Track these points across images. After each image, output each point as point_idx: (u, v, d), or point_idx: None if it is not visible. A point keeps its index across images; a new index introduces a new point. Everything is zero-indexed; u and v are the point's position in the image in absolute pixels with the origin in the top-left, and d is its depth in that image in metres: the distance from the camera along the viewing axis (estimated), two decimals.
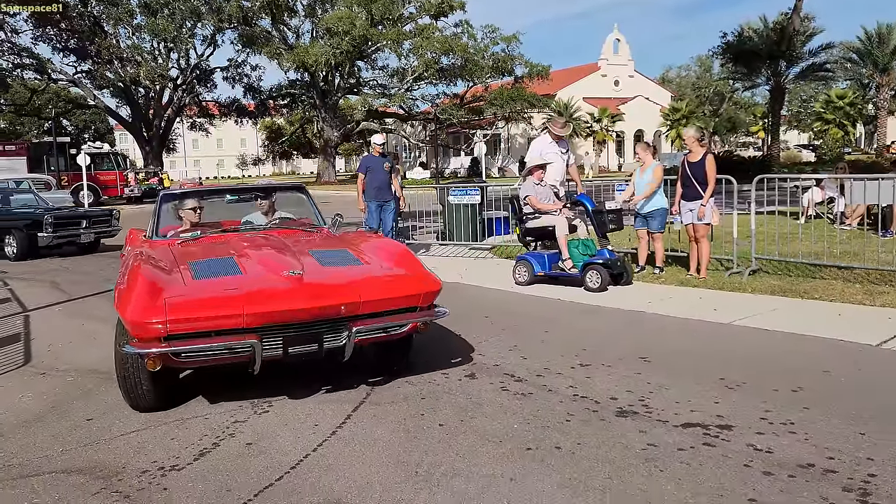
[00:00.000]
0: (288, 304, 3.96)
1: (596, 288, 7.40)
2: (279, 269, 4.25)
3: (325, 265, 4.45)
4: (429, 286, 4.38)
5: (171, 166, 70.23)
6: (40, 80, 42.06)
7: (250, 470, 3.42)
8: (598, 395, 4.30)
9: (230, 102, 48.51)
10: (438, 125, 47.14)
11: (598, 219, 7.82)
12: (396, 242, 5.04)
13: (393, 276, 4.41)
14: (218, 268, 4.39)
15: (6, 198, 14.44)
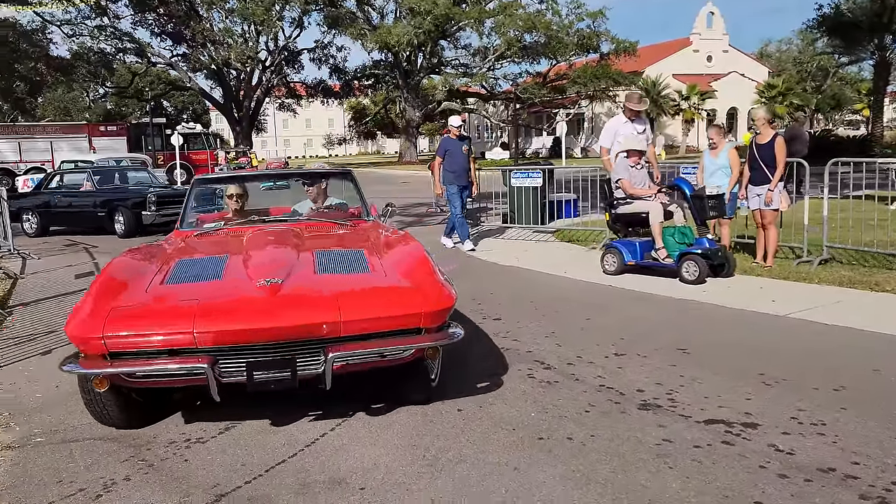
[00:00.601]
0: (246, 321, 3.31)
1: (693, 280, 6.84)
2: (259, 275, 3.61)
3: (322, 271, 3.81)
4: (434, 304, 3.50)
5: (262, 146, 72.71)
6: (140, 63, 44.24)
7: (267, 446, 3.54)
8: (625, 386, 4.21)
9: (317, 83, 49.65)
10: (520, 105, 46.71)
11: (698, 205, 7.11)
12: (416, 246, 4.22)
13: (389, 290, 3.60)
14: (199, 271, 3.92)
15: (124, 175, 15.13)
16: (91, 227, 13.48)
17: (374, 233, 4.84)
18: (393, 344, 3.46)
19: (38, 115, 50.97)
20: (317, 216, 5.37)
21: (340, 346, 3.37)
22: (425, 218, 14.29)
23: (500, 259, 9.00)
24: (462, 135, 9.98)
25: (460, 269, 8.41)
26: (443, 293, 3.64)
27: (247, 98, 45.22)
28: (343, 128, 71.25)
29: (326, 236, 4.88)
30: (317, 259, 4.00)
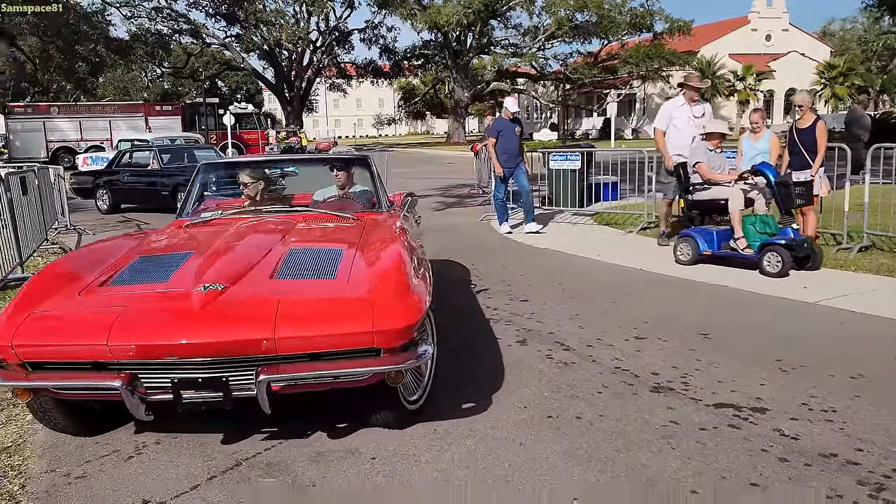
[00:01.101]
0: (164, 335, 2.90)
1: (775, 273, 6.43)
2: (203, 279, 3.21)
3: (282, 276, 3.37)
4: (392, 321, 2.94)
5: (313, 126, 73.58)
6: (196, 44, 45.22)
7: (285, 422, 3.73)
8: (641, 369, 4.27)
9: (367, 63, 50.00)
10: (570, 85, 46.20)
11: (783, 191, 6.65)
12: (395, 249, 3.63)
13: (340, 303, 3.06)
14: (150, 270, 3.57)
15: (192, 155, 15.29)
16: (157, 205, 13.42)
17: (374, 228, 4.34)
18: (339, 367, 2.95)
19: (99, 94, 52.62)
20: (325, 206, 5.00)
21: (275, 366, 2.93)
22: (466, 199, 14.39)
23: (535, 241, 9.05)
24: (516, 117, 9.83)
25: (492, 251, 8.51)
26: (406, 308, 3.06)
27: (298, 78, 45.87)
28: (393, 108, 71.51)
29: (315, 231, 4.42)
30: (285, 259, 3.56)
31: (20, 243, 7.38)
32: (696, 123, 7.89)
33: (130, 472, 3.19)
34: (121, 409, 3.13)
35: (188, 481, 3.08)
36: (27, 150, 30.92)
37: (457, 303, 6.00)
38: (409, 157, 34.71)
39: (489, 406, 3.80)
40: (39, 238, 9.06)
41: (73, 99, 46.18)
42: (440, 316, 5.54)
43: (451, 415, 3.69)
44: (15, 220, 7.31)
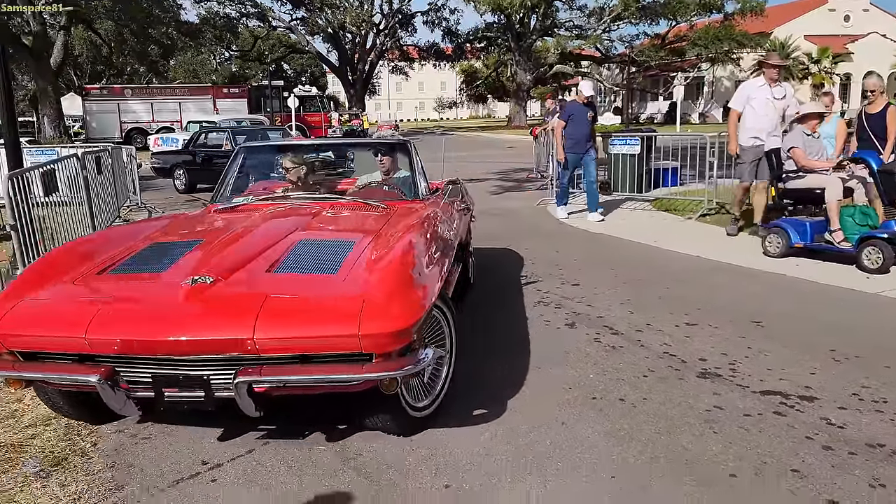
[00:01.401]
0: (139, 329, 2.76)
1: (875, 269, 5.99)
2: (194, 271, 3.07)
3: (282, 270, 3.18)
4: (382, 324, 2.67)
5: (376, 108, 74.20)
6: (262, 27, 46.07)
7: None
8: (689, 354, 4.27)
9: (429, 46, 50.01)
10: (636, 68, 45.23)
11: (887, 181, 6.22)
12: (408, 244, 3.29)
13: (329, 301, 2.84)
14: (153, 259, 3.46)
15: (265, 135, 15.48)
16: None
17: (401, 217, 4.04)
18: (326, 372, 2.74)
19: (169, 77, 54.27)
20: (359, 193, 4.81)
21: (257, 368, 2.74)
22: (525, 183, 14.36)
23: (591, 226, 9.02)
24: (590, 101, 9.44)
25: (547, 235, 8.52)
26: (402, 309, 2.77)
27: (361, 61, 46.29)
28: (454, 91, 71.44)
29: (337, 220, 4.23)
30: (292, 252, 3.36)
31: (94, 220, 7.77)
32: (776, 106, 7.48)
33: (190, 435, 3.39)
34: None
35: (244, 446, 3.26)
36: (103, 130, 32.24)
37: (507, 285, 6.07)
38: (469, 141, 34.71)
39: (533, 385, 3.87)
40: (112, 215, 9.50)
41: (146, 81, 47.80)
42: (488, 297, 5.66)
43: (495, 392, 3.78)
44: (90, 197, 7.70)
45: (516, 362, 4.23)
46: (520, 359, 4.28)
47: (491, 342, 4.61)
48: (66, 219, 7.45)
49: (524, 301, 5.56)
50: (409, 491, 2.84)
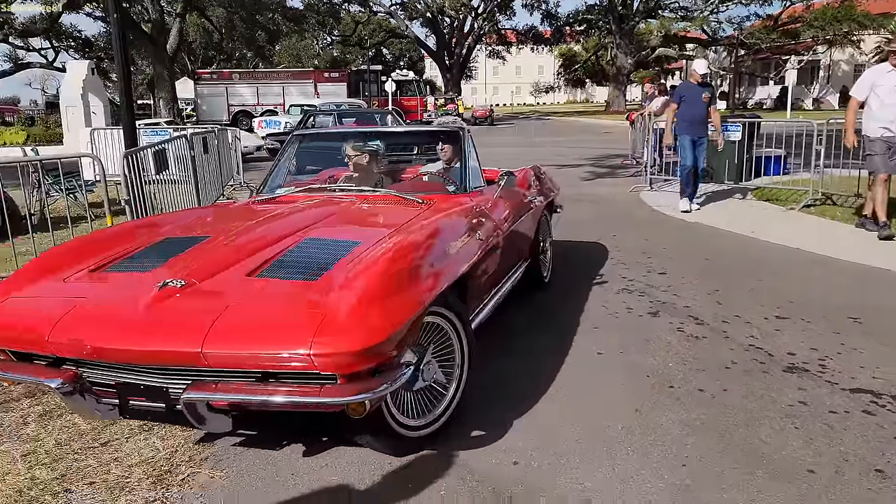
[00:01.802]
0: (96, 335, 2.61)
1: None
2: (170, 273, 2.93)
3: (267, 274, 2.92)
4: (336, 343, 2.35)
5: (472, 93, 74.28)
6: (363, 12, 46.94)
7: None
8: (777, 348, 4.14)
9: (527, 30, 49.60)
10: (745, 50, 43.26)
11: None
12: (404, 246, 2.97)
13: (285, 314, 2.57)
14: (156, 255, 3.31)
15: (372, 118, 15.78)
16: None
17: (433, 213, 3.73)
18: (282, 394, 2.46)
19: (275, 61, 56.16)
20: (402, 186, 4.57)
21: (211, 384, 2.54)
22: (619, 170, 14.10)
23: (686, 215, 8.77)
24: (704, 81, 8.79)
25: (638, 222, 8.36)
26: (369, 325, 2.44)
27: (458, 45, 46.46)
28: (552, 76, 70.48)
29: (362, 215, 3.95)
30: (289, 252, 3.14)
31: (199, 196, 8.24)
32: None
33: None
34: None
35: None
36: (212, 113, 33.85)
37: (591, 272, 6.02)
38: (565, 126, 34.30)
39: (609, 371, 3.87)
40: (216, 193, 10.02)
41: (253, 66, 49.69)
42: (571, 282, 5.65)
43: (571, 376, 3.80)
44: (196, 175, 8.17)
45: (593, 347, 4.23)
46: (597, 344, 4.27)
47: (569, 326, 4.61)
48: (174, 195, 7.94)
49: (607, 287, 5.52)
50: (477, 468, 2.92)
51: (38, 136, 25.08)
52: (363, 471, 2.89)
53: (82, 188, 8.66)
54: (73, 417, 3.42)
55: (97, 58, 41.62)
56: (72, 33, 46.93)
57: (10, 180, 8.32)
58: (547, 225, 5.65)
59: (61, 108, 19.94)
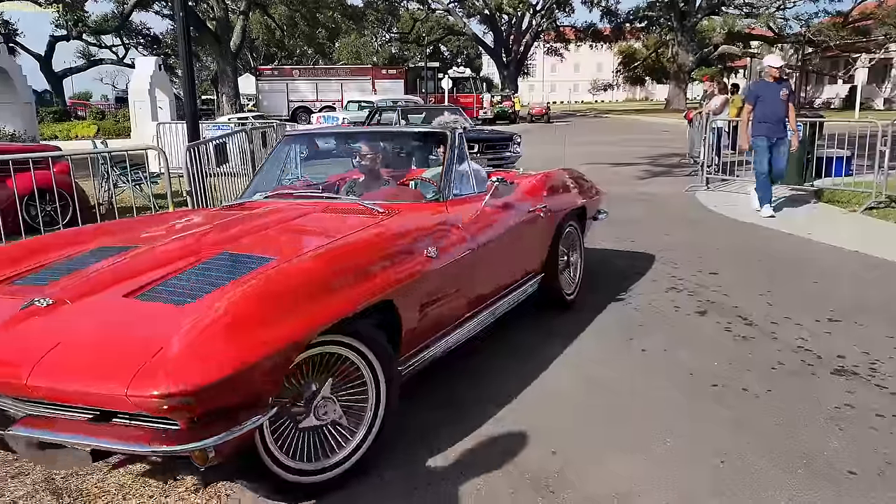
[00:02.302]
0: None
1: None
2: (52, 291, 2.68)
3: (145, 297, 2.59)
4: (162, 383, 2.02)
5: (529, 90, 73.93)
6: (422, 9, 47.25)
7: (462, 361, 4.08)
8: (826, 350, 4.07)
9: (586, 27, 49.10)
10: (812, 48, 41.91)
11: None
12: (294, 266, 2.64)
13: (115, 346, 2.27)
14: (68, 267, 3.03)
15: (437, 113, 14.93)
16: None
17: (377, 226, 3.31)
18: (100, 435, 2.19)
19: (334, 58, 57.02)
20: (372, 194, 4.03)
21: (49, 420, 2.32)
22: (675, 169, 13.89)
23: (741, 215, 8.62)
24: (781, 77, 8.31)
25: (691, 222, 8.26)
26: (206, 363, 2.09)
27: (516, 42, 46.34)
28: (611, 73, 69.58)
29: (301, 227, 3.50)
30: (192, 269, 2.81)
31: None
32: None
33: None
34: None
35: None
36: (273, 108, 34.60)
37: (640, 269, 6.00)
38: (622, 124, 33.88)
39: (651, 369, 3.88)
40: None
41: (313, 63, 50.55)
42: (619, 279, 5.64)
43: (614, 370, 3.83)
44: (255, 168, 8.41)
45: (636, 344, 4.24)
46: (641, 340, 4.28)
47: (613, 322, 4.62)
48: (233, 188, 8.21)
49: (656, 286, 5.50)
50: (521, 460, 2.98)
51: (107, 130, 26.10)
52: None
53: (148, 180, 9.03)
54: None
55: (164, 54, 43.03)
56: (141, 31, 48.67)
57: (81, 171, 8.73)
58: (576, 236, 5.10)
59: (129, 103, 20.67)
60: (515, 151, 12.85)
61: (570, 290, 4.98)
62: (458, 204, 3.85)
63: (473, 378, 3.77)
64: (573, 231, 5.06)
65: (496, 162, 12.18)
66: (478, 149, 12.01)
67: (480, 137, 12.75)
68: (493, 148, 12.55)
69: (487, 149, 12.39)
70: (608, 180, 12.19)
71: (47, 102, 37.89)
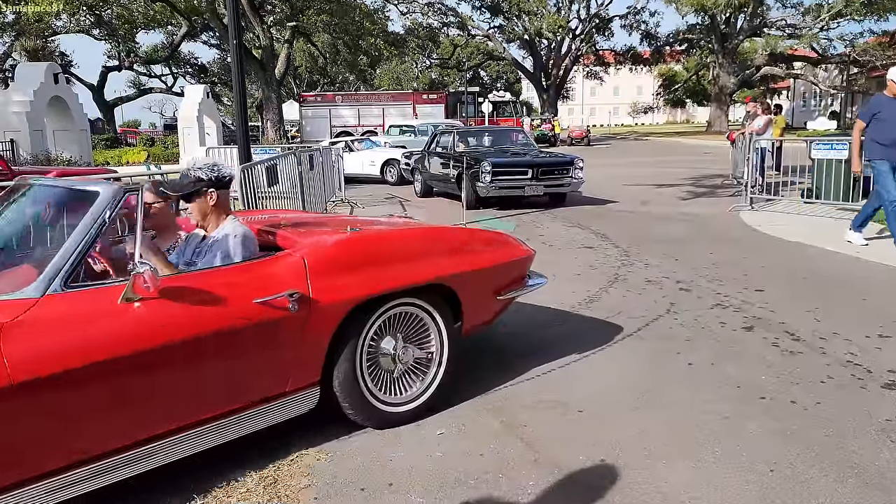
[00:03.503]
0: None
1: None
2: None
3: None
4: None
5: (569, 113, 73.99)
6: (462, 35, 47.84)
7: (512, 370, 4.17)
8: (877, 365, 4.05)
9: (626, 50, 49.11)
10: (858, 68, 41.21)
11: None
12: None
13: None
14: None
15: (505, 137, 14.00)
16: (453, 192, 12.32)
17: None
18: None
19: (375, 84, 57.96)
20: None
21: None
22: (718, 189, 13.81)
23: (787, 234, 8.54)
24: None
25: (735, 241, 8.22)
26: None
27: (555, 67, 46.49)
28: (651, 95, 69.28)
29: None
30: None
31: (305, 209, 8.73)
32: None
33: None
34: None
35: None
36: (315, 133, 35.26)
37: (685, 287, 6.01)
38: (664, 146, 33.68)
39: (698, 382, 3.91)
40: (319, 208, 10.54)
41: (354, 89, 51.47)
42: (663, 296, 5.66)
43: (661, 383, 3.87)
44: (303, 189, 8.67)
45: (683, 358, 4.27)
46: (688, 355, 4.31)
47: (659, 338, 4.66)
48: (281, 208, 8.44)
49: (701, 302, 5.51)
50: (577, 476, 3.05)
51: (157, 156, 26.94)
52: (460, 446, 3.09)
53: None
54: None
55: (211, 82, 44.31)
56: (189, 60, 50.24)
57: None
58: (427, 324, 3.59)
59: (179, 129, 21.36)
60: (578, 177, 11.85)
61: (396, 400, 3.47)
62: (71, 301, 2.54)
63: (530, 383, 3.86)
64: (421, 318, 3.56)
65: (554, 190, 11.70)
66: (531, 175, 11.41)
67: (535, 162, 11.79)
68: (551, 174, 11.65)
69: (543, 175, 11.54)
70: (651, 200, 12.20)
71: (99, 130, 39.31)
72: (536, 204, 11.96)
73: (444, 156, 13.12)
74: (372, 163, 17.96)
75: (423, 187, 14.11)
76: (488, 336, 4.64)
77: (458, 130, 14.36)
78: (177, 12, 34.70)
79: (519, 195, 11.55)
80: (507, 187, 11.35)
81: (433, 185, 13.72)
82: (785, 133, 17.14)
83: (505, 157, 12.10)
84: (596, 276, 6.56)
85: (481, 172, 11.16)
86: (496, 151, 12.71)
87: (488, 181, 11.12)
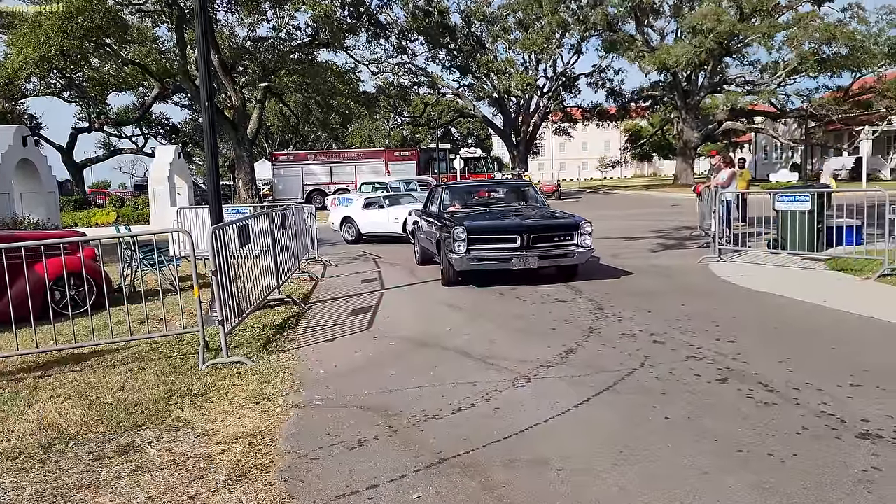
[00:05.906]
0: None
1: None
2: None
3: None
4: None
5: (539, 168, 75.18)
6: (432, 94, 48.73)
7: (490, 427, 4.13)
8: (850, 415, 4.08)
9: (593, 106, 50.39)
10: (815, 122, 42.67)
11: None
12: None
13: None
14: None
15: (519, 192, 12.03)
16: None
17: None
18: None
19: (347, 142, 58.50)
20: None
21: None
22: (686, 241, 14.03)
23: (754, 284, 8.68)
24: None
25: (706, 293, 8.32)
26: None
27: (525, 123, 47.51)
28: (618, 150, 70.86)
29: None
30: None
31: (278, 270, 8.67)
32: None
33: (353, 458, 3.77)
34: None
35: (397, 471, 3.58)
36: (288, 192, 35.34)
37: (658, 340, 6.04)
38: (632, 199, 34.26)
39: (676, 434, 3.90)
40: (293, 267, 10.48)
41: (326, 147, 51.89)
42: (636, 349, 5.67)
43: (638, 439, 3.85)
44: (276, 249, 8.62)
45: (659, 412, 4.26)
46: (664, 409, 4.30)
47: (635, 392, 4.65)
48: (254, 269, 8.37)
49: (675, 354, 5.53)
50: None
51: (126, 216, 26.71)
52: None
53: (172, 262, 9.24)
54: (164, 472, 3.67)
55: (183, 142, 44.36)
56: (160, 121, 50.33)
57: (105, 256, 8.97)
58: None
59: (149, 189, 21.25)
60: (585, 245, 9.14)
61: None
62: None
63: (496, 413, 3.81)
64: None
65: (552, 262, 9.20)
66: (520, 242, 8.92)
67: (525, 225, 9.14)
68: (549, 240, 9.11)
69: (537, 242, 8.98)
70: (622, 253, 12.34)
71: (68, 192, 38.91)
72: (536, 278, 9.35)
73: (430, 215, 10.99)
74: (396, 219, 15.93)
75: (420, 253, 11.64)
76: (465, 392, 4.59)
77: (449, 186, 12.40)
78: (149, 74, 34.90)
79: (506, 268, 9.04)
80: (489, 259, 8.94)
81: (429, 252, 11.02)
82: (750, 185, 17.59)
83: (484, 219, 9.77)
84: (571, 329, 6.58)
85: (453, 240, 8.89)
86: (476, 212, 10.42)
87: (462, 251, 8.84)
